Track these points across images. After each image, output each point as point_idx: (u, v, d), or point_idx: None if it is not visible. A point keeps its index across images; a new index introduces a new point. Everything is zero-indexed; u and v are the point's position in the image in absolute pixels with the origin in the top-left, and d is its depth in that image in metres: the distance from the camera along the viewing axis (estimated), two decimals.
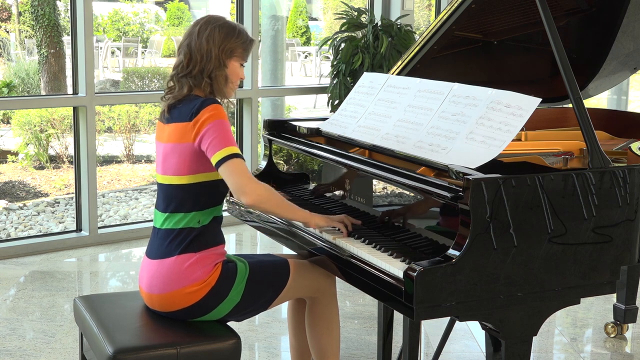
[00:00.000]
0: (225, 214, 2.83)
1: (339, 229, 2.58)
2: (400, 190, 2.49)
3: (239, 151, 2.48)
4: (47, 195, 7.78)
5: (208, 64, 2.56)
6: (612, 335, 3.91)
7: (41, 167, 8.48)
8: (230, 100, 2.69)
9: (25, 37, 12.39)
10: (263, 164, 3.26)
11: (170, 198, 2.57)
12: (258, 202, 2.48)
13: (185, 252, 2.52)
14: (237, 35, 2.60)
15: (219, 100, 2.58)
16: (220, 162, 2.45)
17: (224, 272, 2.56)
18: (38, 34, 9.88)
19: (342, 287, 2.91)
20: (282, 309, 4.11)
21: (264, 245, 5.45)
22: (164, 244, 2.56)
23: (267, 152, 3.26)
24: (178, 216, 2.55)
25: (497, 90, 2.50)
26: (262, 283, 2.62)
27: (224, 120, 2.50)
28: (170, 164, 2.56)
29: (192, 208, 2.54)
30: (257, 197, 2.47)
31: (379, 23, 6.10)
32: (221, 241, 2.61)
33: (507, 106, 2.42)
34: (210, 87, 2.58)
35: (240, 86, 6.04)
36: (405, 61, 3.23)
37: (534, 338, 2.38)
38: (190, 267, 2.51)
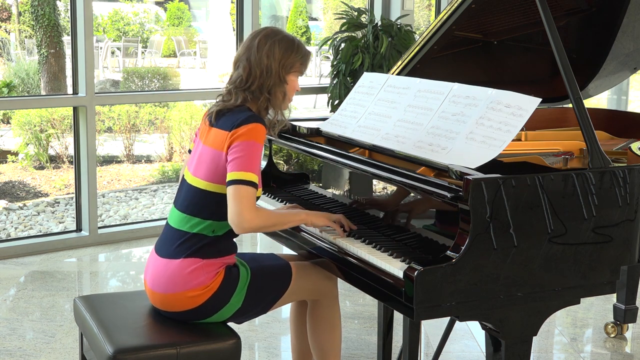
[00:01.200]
0: None
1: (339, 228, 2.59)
2: (400, 190, 2.49)
3: (255, 179, 2.44)
4: (47, 195, 7.78)
5: (268, 79, 2.55)
6: (612, 335, 3.91)
7: (41, 167, 8.48)
8: (284, 117, 2.66)
9: (25, 37, 12.39)
10: (263, 164, 3.26)
11: (191, 200, 2.56)
12: (248, 231, 2.46)
13: (192, 256, 2.51)
14: (297, 49, 2.60)
15: (264, 122, 2.53)
16: (231, 183, 2.43)
17: (227, 278, 2.55)
18: (38, 34, 9.88)
19: (342, 287, 2.91)
20: (283, 309, 4.11)
21: (264, 245, 5.45)
22: (174, 244, 2.55)
23: (267, 152, 3.26)
24: (195, 220, 2.54)
25: (497, 90, 2.50)
26: (264, 288, 2.61)
27: (258, 142, 2.46)
28: (202, 167, 2.55)
29: (210, 216, 2.53)
30: (247, 228, 2.43)
31: (379, 23, 6.10)
32: (232, 251, 2.60)
33: (507, 106, 2.42)
34: (267, 102, 2.57)
35: None
36: (405, 61, 3.23)
37: (534, 338, 2.38)
38: (194, 271, 2.50)
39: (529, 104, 2.39)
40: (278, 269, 2.66)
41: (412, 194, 2.44)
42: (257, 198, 2.54)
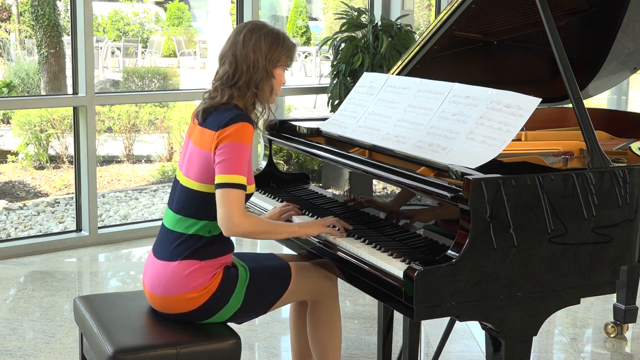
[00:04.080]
0: None
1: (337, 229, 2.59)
2: (400, 190, 2.49)
3: (242, 181, 2.43)
4: (47, 195, 7.77)
5: (255, 74, 2.53)
6: (612, 335, 3.91)
7: (41, 167, 8.48)
8: (272, 111, 2.64)
9: (25, 37, 12.38)
10: (263, 164, 3.26)
11: (185, 201, 2.55)
12: (238, 235, 2.47)
13: (190, 258, 2.51)
14: (282, 43, 2.57)
15: (252, 120, 2.52)
16: (219, 186, 2.43)
17: (225, 278, 2.54)
18: (38, 34, 9.87)
19: (342, 287, 2.91)
20: (283, 309, 4.11)
21: (264, 244, 5.45)
22: (171, 246, 2.55)
23: (267, 152, 3.26)
24: (189, 221, 2.53)
25: (497, 90, 2.50)
26: (263, 288, 2.61)
27: (245, 143, 2.45)
28: (192, 167, 2.55)
29: (204, 217, 2.52)
30: (237, 232, 2.44)
31: (379, 23, 6.10)
32: (229, 251, 2.60)
33: (507, 106, 2.42)
34: (254, 97, 2.55)
35: None
36: (405, 61, 3.23)
37: (534, 338, 2.38)
38: (191, 273, 2.50)
39: (529, 104, 2.39)
40: (277, 269, 2.66)
41: (412, 194, 2.44)
42: (251, 195, 2.54)
